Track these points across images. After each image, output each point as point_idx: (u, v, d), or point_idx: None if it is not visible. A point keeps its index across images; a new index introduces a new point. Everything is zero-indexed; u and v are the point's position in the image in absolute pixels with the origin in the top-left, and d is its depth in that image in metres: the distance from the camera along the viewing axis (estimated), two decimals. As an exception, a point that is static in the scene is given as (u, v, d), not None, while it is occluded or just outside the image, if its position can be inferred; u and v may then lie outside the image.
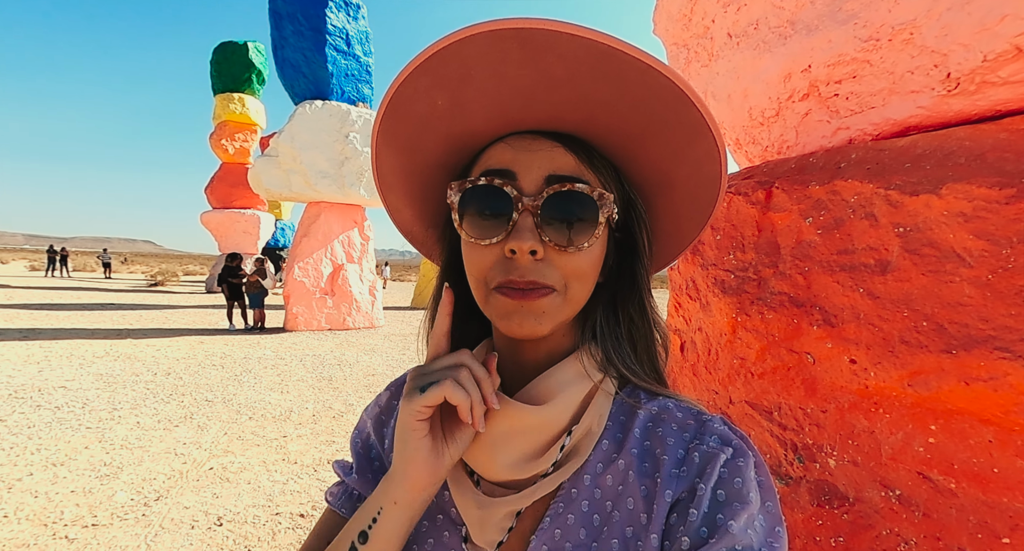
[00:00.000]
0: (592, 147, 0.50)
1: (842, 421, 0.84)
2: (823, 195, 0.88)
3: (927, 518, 0.72)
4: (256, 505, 3.04)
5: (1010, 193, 0.63)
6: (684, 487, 0.45)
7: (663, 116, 0.45)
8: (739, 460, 0.45)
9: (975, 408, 0.65)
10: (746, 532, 0.42)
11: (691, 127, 0.45)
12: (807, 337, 0.88)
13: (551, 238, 0.46)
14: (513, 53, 0.41)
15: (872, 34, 0.87)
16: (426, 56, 0.42)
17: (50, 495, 3.01)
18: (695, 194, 0.53)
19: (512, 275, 0.46)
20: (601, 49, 0.39)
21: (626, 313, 0.55)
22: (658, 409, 0.51)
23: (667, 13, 1.44)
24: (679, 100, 0.43)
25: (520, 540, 0.49)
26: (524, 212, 0.46)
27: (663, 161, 0.50)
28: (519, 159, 0.48)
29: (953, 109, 0.81)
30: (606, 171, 0.50)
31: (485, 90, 0.45)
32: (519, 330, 0.47)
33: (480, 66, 0.43)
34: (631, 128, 0.47)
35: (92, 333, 8.80)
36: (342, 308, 10.85)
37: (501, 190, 0.47)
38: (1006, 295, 0.62)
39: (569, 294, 0.48)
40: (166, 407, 4.87)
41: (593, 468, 0.49)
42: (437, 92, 0.46)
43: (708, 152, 0.48)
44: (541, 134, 0.49)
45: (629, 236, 0.55)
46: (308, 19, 10.11)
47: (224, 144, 19.28)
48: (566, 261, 0.47)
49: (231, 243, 19.20)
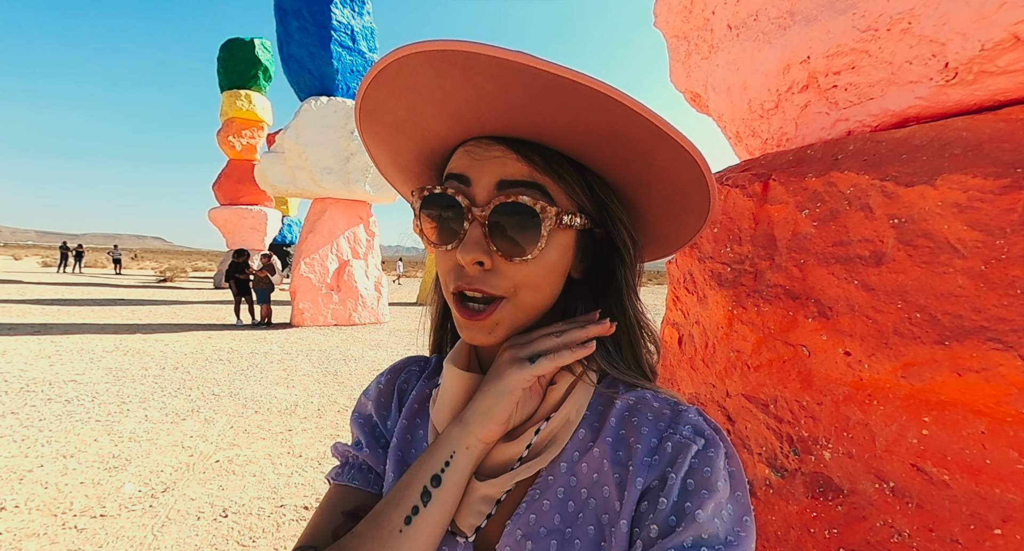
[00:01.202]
0: (552, 151, 0.49)
1: (837, 413, 0.84)
2: (819, 187, 0.87)
3: (920, 509, 0.72)
4: (261, 497, 3.07)
5: (1004, 183, 0.62)
6: (655, 475, 0.46)
7: (611, 126, 0.44)
8: (710, 450, 0.46)
9: (967, 399, 0.65)
10: (713, 521, 0.43)
11: (649, 134, 0.44)
12: (802, 329, 0.88)
13: (499, 248, 0.48)
14: (446, 71, 0.42)
15: (871, 24, 0.86)
16: (374, 73, 0.45)
17: (60, 486, 3.06)
18: (678, 192, 0.52)
19: (461, 282, 0.48)
20: (525, 69, 0.38)
21: (607, 309, 0.55)
22: (635, 399, 0.52)
23: (667, 5, 1.43)
24: (623, 110, 0.41)
25: (496, 524, 0.50)
26: (474, 222, 0.48)
27: (630, 164, 0.49)
28: (473, 165, 0.49)
29: (952, 99, 0.80)
30: (568, 174, 0.50)
31: (433, 102, 0.46)
32: (473, 341, 0.50)
33: (421, 82, 0.44)
34: (584, 136, 0.46)
35: (102, 328, 8.91)
36: (348, 304, 10.91)
37: (454, 199, 0.48)
38: (999, 286, 0.61)
39: (519, 301, 0.50)
40: (174, 401, 4.92)
41: (570, 456, 0.50)
42: (395, 103, 0.48)
43: (676, 155, 0.46)
44: (498, 139, 0.49)
45: (609, 234, 0.55)
46: (313, 15, 10.12)
47: (231, 141, 19.37)
48: (515, 270, 0.48)
49: (238, 239, 19.32)
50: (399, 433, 0.59)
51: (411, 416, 0.60)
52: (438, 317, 0.65)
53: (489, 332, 0.49)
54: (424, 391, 0.62)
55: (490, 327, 0.49)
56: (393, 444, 0.59)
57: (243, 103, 19.28)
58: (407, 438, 0.59)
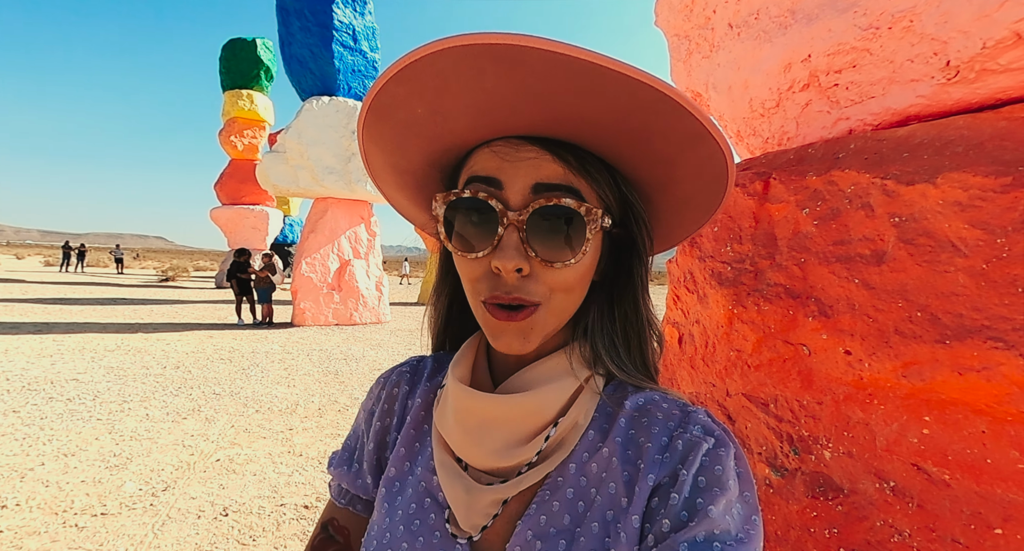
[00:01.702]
0: (584, 151, 0.48)
1: (837, 413, 0.84)
2: (820, 185, 0.87)
3: (921, 509, 0.72)
4: (261, 496, 3.08)
5: (1006, 181, 0.62)
6: (666, 473, 0.46)
7: (654, 125, 0.43)
8: (720, 450, 0.46)
9: (968, 398, 0.65)
10: (724, 517, 0.43)
11: (689, 133, 0.43)
12: (803, 328, 0.87)
13: (537, 253, 0.46)
14: (488, 68, 0.39)
15: (872, 22, 0.86)
16: (399, 67, 0.41)
17: (61, 484, 3.07)
18: (699, 190, 0.52)
19: (497, 291, 0.46)
20: (579, 65, 0.37)
21: (621, 310, 0.54)
22: (644, 400, 0.52)
23: (668, 4, 1.43)
24: (673, 110, 0.40)
25: (507, 525, 0.50)
26: (509, 227, 0.45)
27: (661, 164, 0.49)
28: (504, 167, 0.46)
29: (953, 97, 0.80)
30: (600, 175, 0.49)
31: (465, 101, 0.44)
32: (508, 350, 0.48)
33: (456, 78, 0.41)
34: (621, 137, 0.45)
35: (104, 327, 8.93)
36: (349, 303, 10.92)
37: (486, 204, 0.45)
38: (1000, 284, 0.61)
39: (552, 305, 0.48)
40: (175, 400, 4.93)
41: (579, 457, 0.50)
42: (415, 101, 0.45)
43: (711, 154, 0.45)
44: (527, 139, 0.47)
45: (627, 233, 0.54)
46: (315, 15, 10.14)
47: (233, 140, 19.41)
48: (553, 276, 0.47)
49: (240, 239, 19.36)
50: (405, 442, 0.59)
51: (418, 423, 0.60)
52: (441, 320, 0.64)
53: (525, 336, 0.47)
54: (428, 396, 0.61)
55: (526, 330, 0.47)
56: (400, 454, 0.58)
57: (245, 103, 19.32)
58: (415, 446, 0.59)
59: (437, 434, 0.55)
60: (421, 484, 0.55)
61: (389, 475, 0.58)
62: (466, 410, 0.51)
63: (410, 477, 0.56)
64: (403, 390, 0.63)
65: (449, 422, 0.52)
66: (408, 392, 0.63)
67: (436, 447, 0.54)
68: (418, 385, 0.63)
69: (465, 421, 0.51)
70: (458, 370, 0.54)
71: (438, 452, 0.53)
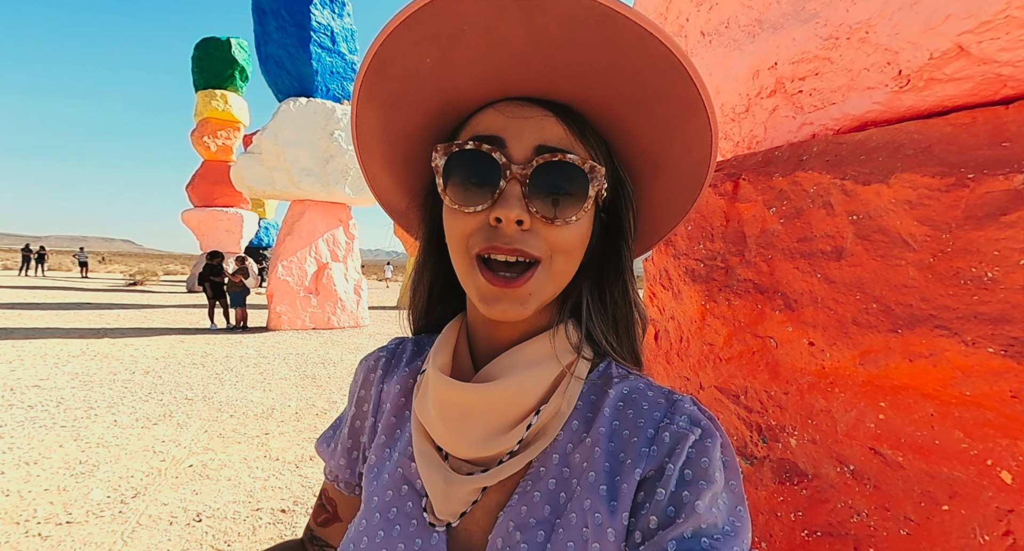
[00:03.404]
0: (585, 120, 0.49)
1: (802, 402, 0.88)
2: (785, 186, 0.92)
3: (877, 490, 0.76)
4: (236, 501, 3.01)
5: (950, 181, 0.67)
6: (653, 465, 0.46)
7: (658, 88, 0.44)
8: (707, 440, 0.46)
9: (918, 383, 0.70)
10: (711, 511, 0.43)
11: (686, 102, 0.44)
12: (770, 322, 0.92)
13: (538, 209, 0.45)
14: (510, 11, 0.39)
15: (832, 33, 0.91)
16: (417, 6, 0.40)
17: (23, 493, 2.95)
18: (683, 179, 0.53)
19: (496, 241, 0.45)
20: (601, 12, 0.38)
21: (611, 295, 0.55)
22: (629, 389, 0.52)
23: (643, 12, 1.48)
24: (676, 71, 0.42)
25: (488, 516, 0.49)
26: (512, 180, 0.45)
27: (655, 141, 0.50)
28: (509, 126, 0.46)
29: (905, 104, 0.86)
30: (598, 146, 0.49)
31: (478, 49, 0.43)
32: (502, 316, 0.46)
33: (474, 23, 0.40)
34: (625, 100, 0.46)
35: (67, 332, 8.61)
36: (326, 307, 10.77)
37: (489, 156, 0.45)
38: (945, 276, 0.66)
39: (554, 267, 0.47)
40: (144, 405, 4.79)
41: (563, 448, 0.50)
42: (426, 48, 0.43)
43: (700, 131, 0.47)
44: (532, 101, 0.47)
45: (615, 216, 0.55)
46: (292, 15, 10.02)
47: (206, 141, 18.98)
48: (553, 234, 0.46)
49: (213, 242, 18.90)
50: (386, 429, 0.58)
51: (398, 410, 0.59)
52: (423, 301, 0.62)
53: (522, 303, 0.46)
54: (407, 381, 0.60)
55: (523, 297, 0.46)
56: (380, 441, 0.58)
57: (219, 103, 18.92)
58: (395, 433, 0.58)
59: (417, 422, 0.54)
60: (399, 470, 0.54)
61: (370, 463, 0.57)
62: (446, 401, 0.49)
63: (387, 463, 0.56)
64: (378, 374, 0.62)
65: (430, 412, 0.51)
66: (383, 376, 0.62)
67: (416, 435, 0.53)
68: (396, 369, 0.62)
69: (445, 412, 0.49)
70: (439, 359, 0.53)
71: (418, 440, 0.53)
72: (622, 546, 0.44)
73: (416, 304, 0.63)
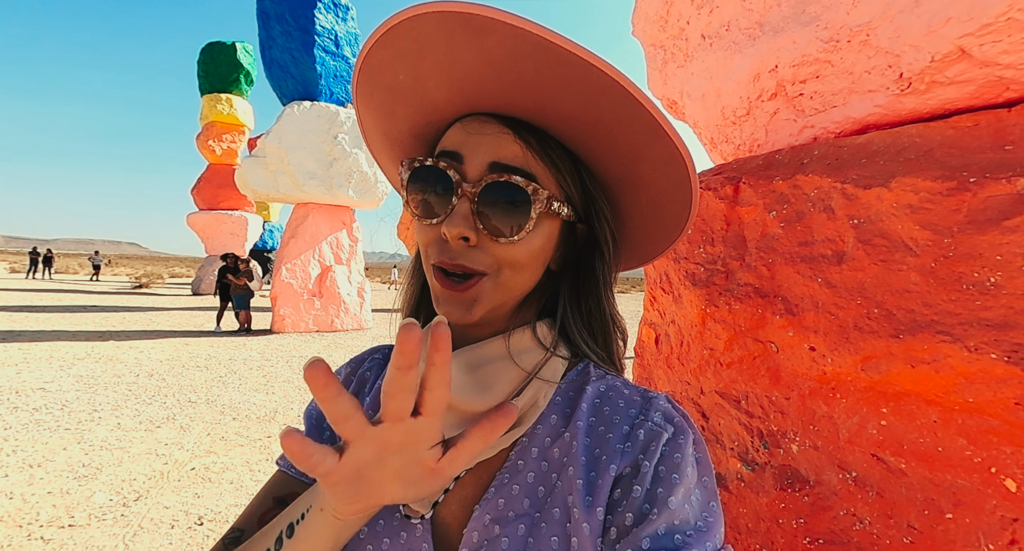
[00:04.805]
0: (549, 136, 0.50)
1: (803, 407, 0.87)
2: (786, 189, 0.91)
3: (880, 497, 0.75)
4: (238, 504, 3.01)
5: (951, 185, 0.66)
6: (628, 462, 0.47)
7: (613, 112, 0.45)
8: (680, 438, 0.48)
9: (920, 390, 0.69)
10: (684, 507, 0.44)
11: (643, 126, 0.45)
12: (771, 326, 0.91)
13: (485, 226, 0.47)
14: (459, 34, 0.42)
15: (832, 35, 0.90)
16: (384, 29, 0.44)
17: (26, 496, 2.96)
18: (664, 194, 0.53)
19: (443, 256, 0.48)
20: (535, 40, 0.39)
21: (586, 305, 0.56)
22: (606, 387, 0.53)
23: (645, 15, 1.48)
24: (626, 98, 0.43)
25: (464, 509, 0.49)
26: (463, 198, 0.47)
27: (623, 158, 0.50)
28: (468, 142, 0.48)
29: (906, 107, 0.85)
30: (561, 162, 0.50)
31: (440, 68, 0.46)
32: (449, 318, 0.48)
33: (432, 43, 0.43)
34: (580, 120, 0.47)
35: (73, 335, 8.65)
36: (330, 310, 10.78)
37: (444, 173, 0.47)
38: (947, 281, 0.65)
39: (502, 279, 0.49)
40: (148, 408, 4.80)
41: (541, 441, 0.50)
42: (399, 65, 0.47)
43: (669, 154, 0.47)
44: (496, 118, 0.49)
45: (592, 231, 0.56)
46: (296, 20, 10.08)
47: (211, 145, 19.09)
48: (500, 250, 0.48)
49: (218, 245, 19.00)
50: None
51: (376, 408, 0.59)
52: (412, 302, 0.64)
53: (467, 308, 0.49)
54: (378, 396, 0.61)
55: (468, 302, 0.49)
56: None
57: (224, 107, 19.05)
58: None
59: None
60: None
61: None
62: None
63: None
64: (370, 378, 0.63)
65: None
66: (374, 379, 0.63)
67: None
68: (383, 371, 0.63)
69: None
70: None
71: None
72: (597, 541, 0.44)
73: (408, 301, 0.65)
